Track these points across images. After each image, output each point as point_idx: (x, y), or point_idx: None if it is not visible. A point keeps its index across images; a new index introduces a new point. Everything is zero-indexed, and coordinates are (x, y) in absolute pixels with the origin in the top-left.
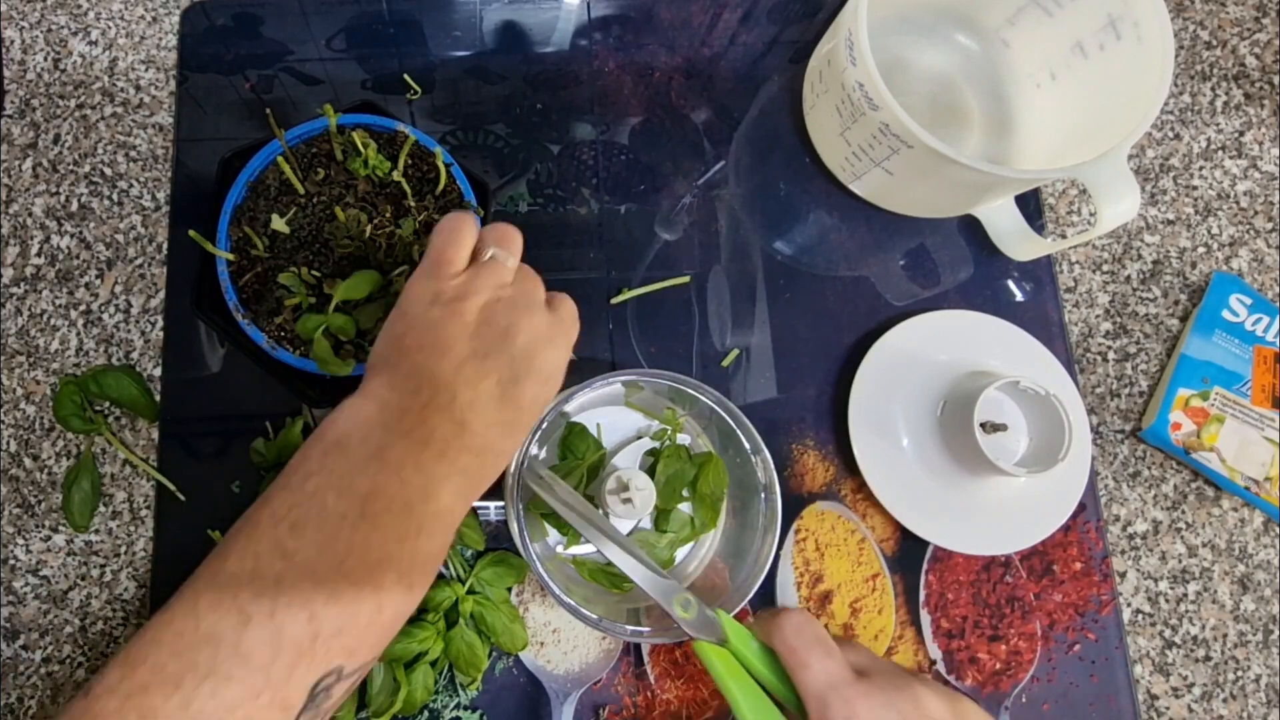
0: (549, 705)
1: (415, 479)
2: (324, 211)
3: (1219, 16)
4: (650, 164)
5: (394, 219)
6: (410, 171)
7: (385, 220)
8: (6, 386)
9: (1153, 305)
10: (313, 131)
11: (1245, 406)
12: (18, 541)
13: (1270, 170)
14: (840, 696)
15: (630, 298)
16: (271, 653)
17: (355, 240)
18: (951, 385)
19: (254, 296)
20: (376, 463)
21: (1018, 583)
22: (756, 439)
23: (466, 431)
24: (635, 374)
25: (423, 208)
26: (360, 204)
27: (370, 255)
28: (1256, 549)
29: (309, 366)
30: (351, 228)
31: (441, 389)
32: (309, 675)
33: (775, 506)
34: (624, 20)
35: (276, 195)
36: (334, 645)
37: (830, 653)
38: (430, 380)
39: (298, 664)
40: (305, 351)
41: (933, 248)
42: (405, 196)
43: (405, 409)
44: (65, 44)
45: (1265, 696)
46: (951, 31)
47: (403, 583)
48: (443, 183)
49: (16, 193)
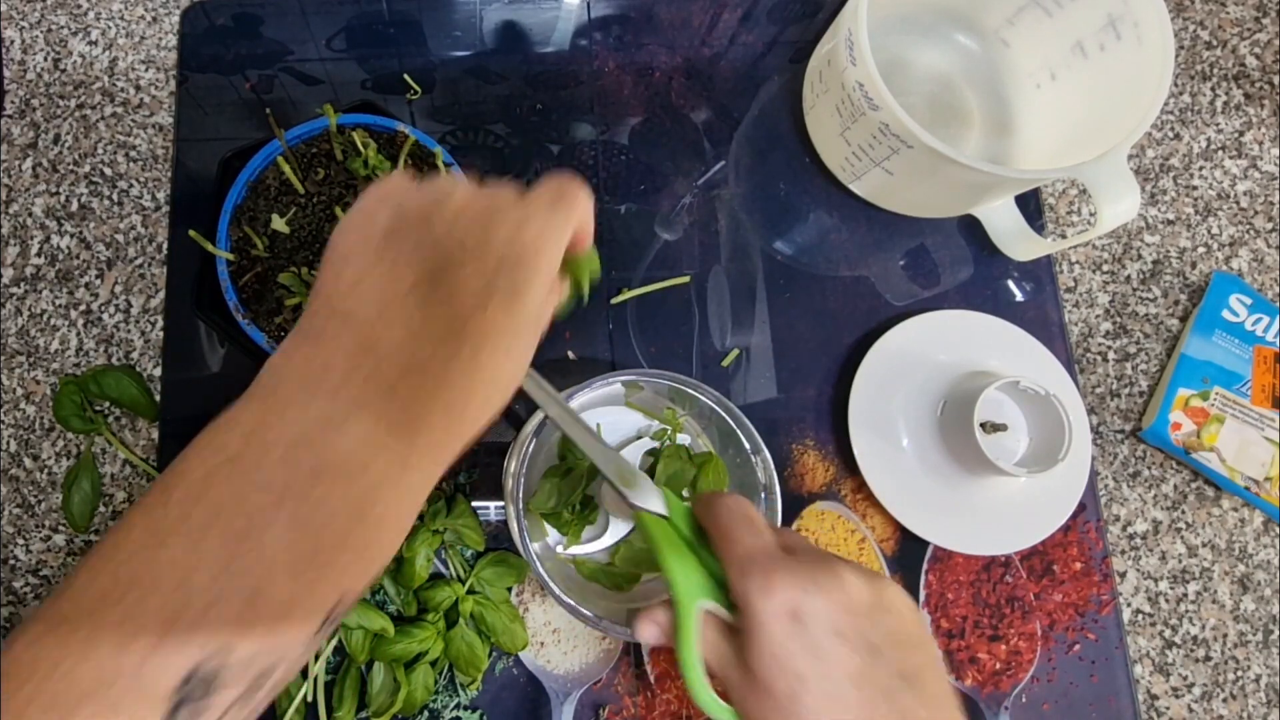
0: (549, 705)
1: (299, 419)
2: (324, 211)
3: (1219, 16)
4: (650, 164)
5: None
6: (416, 174)
7: None
8: (6, 386)
9: (1153, 305)
10: (313, 131)
11: (1245, 406)
12: (18, 541)
13: (1270, 170)
14: (760, 567)
15: (630, 298)
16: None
17: None
18: (951, 385)
19: (254, 296)
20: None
21: (1018, 583)
22: (756, 439)
23: (373, 353)
24: (635, 374)
25: None
26: None
27: None
28: (1256, 549)
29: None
30: None
31: (336, 310)
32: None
33: (775, 506)
34: (624, 20)
35: (276, 195)
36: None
37: (757, 531)
38: (326, 306)
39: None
40: None
41: (933, 248)
42: None
43: (306, 355)
44: (65, 44)
45: (1265, 696)
46: (951, 31)
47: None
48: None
49: (16, 193)
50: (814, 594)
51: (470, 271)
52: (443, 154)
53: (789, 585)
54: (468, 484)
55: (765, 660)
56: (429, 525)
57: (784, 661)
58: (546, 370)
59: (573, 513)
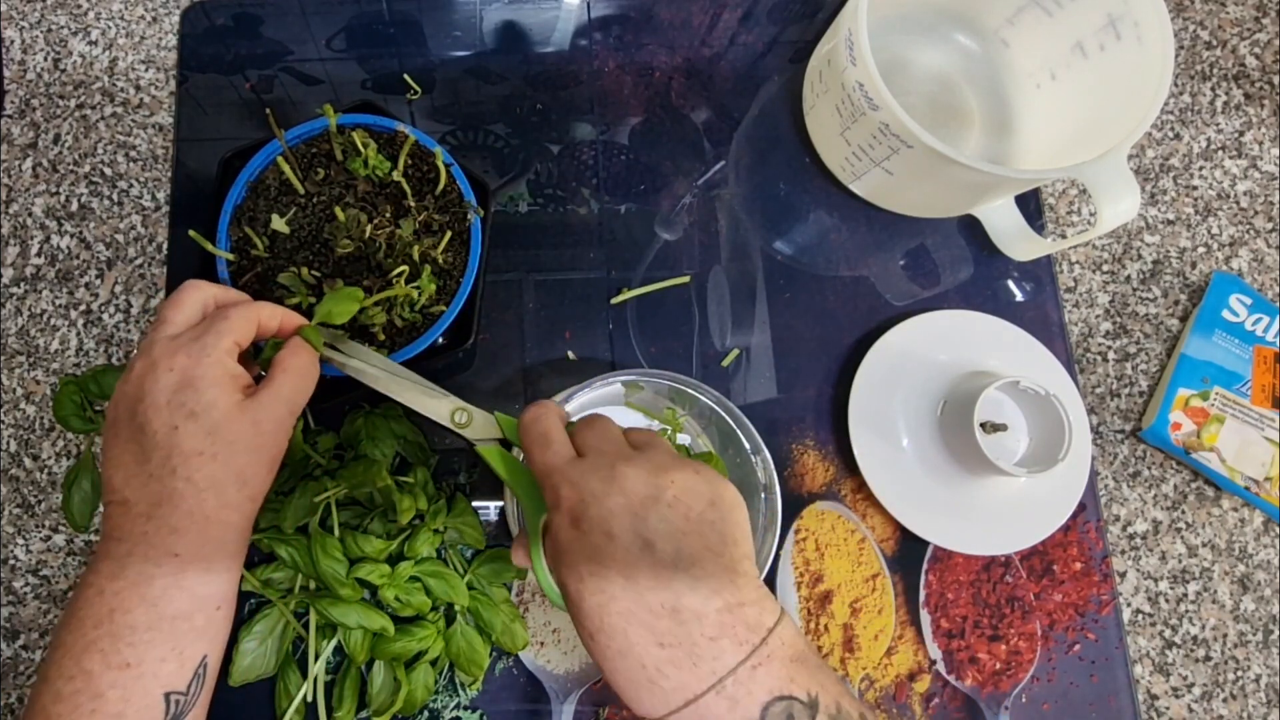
0: (549, 705)
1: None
2: (324, 211)
3: (1219, 16)
4: (650, 164)
5: (394, 219)
6: (410, 172)
7: (385, 220)
8: (6, 386)
9: (1153, 305)
10: (313, 131)
11: (1245, 406)
12: (18, 541)
13: (1270, 170)
14: (550, 480)
15: (630, 298)
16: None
17: (355, 240)
18: (951, 385)
19: (254, 296)
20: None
21: (1018, 583)
22: (756, 439)
23: (107, 488)
24: (635, 374)
25: (423, 208)
26: (360, 204)
27: (370, 255)
28: (1256, 549)
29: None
30: (351, 228)
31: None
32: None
33: (775, 506)
34: (624, 20)
35: (276, 195)
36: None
37: (550, 444)
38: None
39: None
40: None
41: (933, 248)
42: (405, 196)
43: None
44: (65, 44)
45: (1265, 696)
46: (951, 31)
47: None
48: (443, 183)
49: (16, 193)
50: (590, 499)
51: (154, 416)
52: (442, 154)
53: (570, 494)
54: (468, 484)
55: (561, 566)
56: (430, 524)
57: (570, 565)
58: (547, 370)
59: None
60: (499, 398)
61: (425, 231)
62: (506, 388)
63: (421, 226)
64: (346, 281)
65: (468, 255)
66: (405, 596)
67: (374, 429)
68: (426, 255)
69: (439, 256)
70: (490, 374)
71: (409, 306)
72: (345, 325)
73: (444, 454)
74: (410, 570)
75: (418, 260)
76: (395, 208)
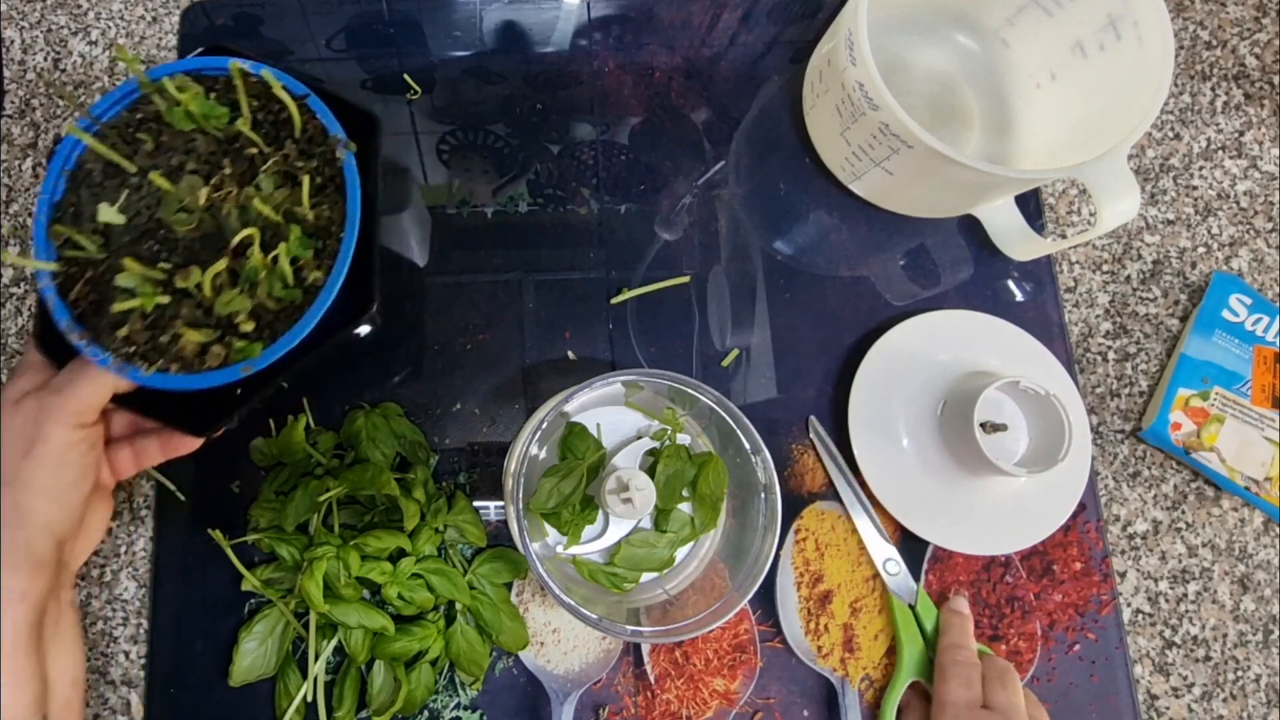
0: (549, 705)
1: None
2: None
3: (1219, 16)
4: (650, 164)
5: (247, 178)
6: (267, 119)
7: (226, 180)
8: None
9: (1153, 305)
10: (130, 96)
11: (1245, 406)
12: None
13: (1270, 170)
14: (951, 713)
15: (630, 298)
16: None
17: (194, 213)
18: (951, 385)
19: (92, 310)
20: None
21: (1018, 583)
22: (756, 439)
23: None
24: (635, 374)
25: (282, 156)
26: (205, 167)
27: (223, 228)
28: (1256, 549)
29: (169, 383)
30: (184, 197)
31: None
32: None
33: (775, 506)
34: (624, 20)
35: (102, 180)
36: None
37: (969, 683)
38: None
39: None
40: (164, 365)
41: (933, 248)
42: (256, 147)
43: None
44: (65, 44)
45: (1265, 696)
46: (951, 31)
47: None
48: (298, 122)
49: (16, 193)
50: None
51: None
52: (286, 83)
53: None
54: (468, 484)
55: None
56: (430, 523)
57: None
58: (546, 370)
59: (573, 513)
60: (499, 398)
61: (289, 183)
62: (506, 388)
63: (283, 179)
64: (202, 266)
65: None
66: (408, 594)
67: (374, 429)
68: (292, 213)
69: (308, 213)
70: (490, 374)
71: (280, 283)
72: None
73: (444, 454)
74: (412, 567)
75: (282, 222)
76: (250, 165)
